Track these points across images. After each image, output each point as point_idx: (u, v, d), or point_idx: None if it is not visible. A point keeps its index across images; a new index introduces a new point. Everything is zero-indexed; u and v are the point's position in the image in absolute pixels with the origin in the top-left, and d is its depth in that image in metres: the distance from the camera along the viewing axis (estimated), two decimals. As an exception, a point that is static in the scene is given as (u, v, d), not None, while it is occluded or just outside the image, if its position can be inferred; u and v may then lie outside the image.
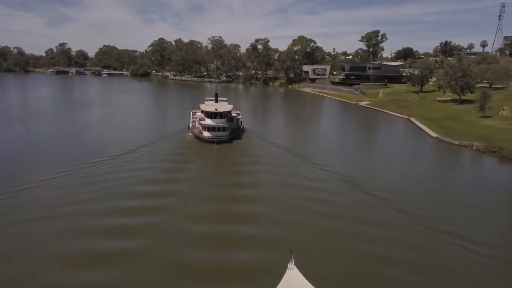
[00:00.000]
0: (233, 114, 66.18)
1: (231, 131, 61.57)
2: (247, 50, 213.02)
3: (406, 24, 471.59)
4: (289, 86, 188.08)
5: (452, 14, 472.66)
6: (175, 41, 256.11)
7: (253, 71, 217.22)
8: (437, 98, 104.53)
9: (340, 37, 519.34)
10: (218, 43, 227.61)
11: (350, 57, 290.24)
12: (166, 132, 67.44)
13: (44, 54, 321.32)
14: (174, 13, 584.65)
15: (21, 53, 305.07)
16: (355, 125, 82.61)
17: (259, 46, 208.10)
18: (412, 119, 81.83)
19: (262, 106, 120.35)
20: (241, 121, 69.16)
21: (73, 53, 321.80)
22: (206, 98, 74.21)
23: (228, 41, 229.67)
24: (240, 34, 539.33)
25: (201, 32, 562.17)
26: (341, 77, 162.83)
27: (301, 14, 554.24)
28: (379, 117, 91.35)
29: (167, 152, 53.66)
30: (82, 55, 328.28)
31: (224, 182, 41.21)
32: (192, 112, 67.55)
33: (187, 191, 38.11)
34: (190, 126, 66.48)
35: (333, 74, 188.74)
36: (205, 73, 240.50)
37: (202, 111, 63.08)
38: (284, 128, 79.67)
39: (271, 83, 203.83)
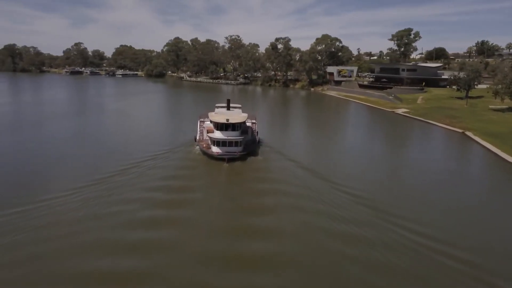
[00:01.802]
0: (247, 124, 55.25)
1: (245, 146, 51.25)
2: (266, 50, 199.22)
3: (426, 25, 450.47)
4: (312, 89, 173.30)
5: (474, 15, 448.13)
6: (191, 40, 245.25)
7: (273, 73, 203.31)
8: (490, 106, 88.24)
9: (360, 38, 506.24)
10: (235, 43, 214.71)
11: (375, 57, 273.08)
12: (170, 144, 56.16)
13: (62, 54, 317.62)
14: (194, 14, 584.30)
15: (36, 53, 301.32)
16: (396, 140, 67.44)
17: (280, 46, 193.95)
18: (469, 133, 66.27)
19: (282, 112, 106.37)
20: (257, 132, 57.42)
21: (90, 53, 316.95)
22: (217, 105, 62.85)
23: (246, 42, 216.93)
24: (259, 35, 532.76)
25: (220, 33, 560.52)
26: (371, 79, 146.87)
27: (320, 15, 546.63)
28: (424, 129, 75.83)
29: (164, 175, 41.73)
30: (98, 55, 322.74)
31: (234, 226, 30.14)
32: (200, 121, 56.51)
33: (182, 241, 27.08)
34: (197, 137, 55.35)
35: (359, 76, 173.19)
36: (222, 74, 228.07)
37: (211, 121, 51.98)
38: (308, 141, 65.59)
39: (291, 86, 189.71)
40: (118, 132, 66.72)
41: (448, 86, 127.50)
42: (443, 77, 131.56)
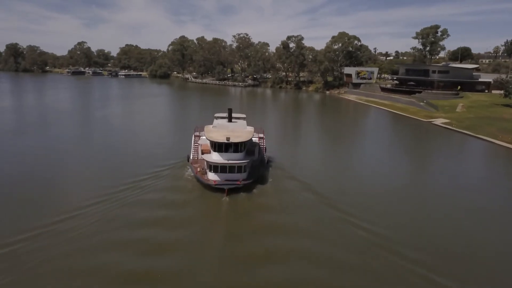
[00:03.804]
0: (253, 139, 43.92)
1: (250, 171, 39.62)
2: (277, 49, 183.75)
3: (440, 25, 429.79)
4: (327, 92, 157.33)
5: (487, 15, 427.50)
6: (197, 39, 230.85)
7: (284, 74, 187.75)
8: (553, 117, 71.84)
9: (372, 38, 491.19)
10: (244, 41, 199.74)
11: (391, 58, 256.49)
12: (157, 165, 43.63)
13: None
14: (204, 14, 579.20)
15: (39, 52, 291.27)
16: (449, 164, 50.85)
17: (291, 45, 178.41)
18: (546, 157, 50.28)
19: (294, 120, 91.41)
20: (265, 148, 46.18)
21: (95, 53, 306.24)
22: (216, 115, 49.83)
23: (255, 41, 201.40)
24: (269, 35, 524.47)
25: (231, 33, 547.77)
26: (395, 82, 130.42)
27: (331, 15, 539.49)
28: (478, 148, 59.84)
29: (138, 219, 29.72)
30: (102, 54, 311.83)
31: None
32: (195, 136, 45.15)
33: None
34: (191, 156, 43.72)
35: (379, 78, 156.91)
36: (229, 75, 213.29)
37: (207, 139, 39.85)
38: (330, 161, 50.69)
39: (304, 88, 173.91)
40: (94, 148, 53.12)
41: (486, 91, 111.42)
42: (480, 80, 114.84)
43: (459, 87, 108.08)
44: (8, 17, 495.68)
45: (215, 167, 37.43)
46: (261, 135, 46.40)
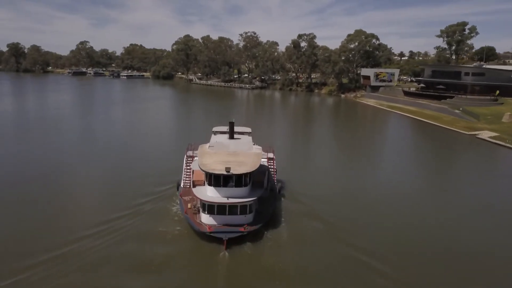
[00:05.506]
0: (261, 161, 31.93)
1: (258, 209, 29.57)
2: (287, 48, 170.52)
3: (447, 25, 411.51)
4: (342, 95, 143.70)
5: (496, 15, 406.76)
6: (202, 38, 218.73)
7: (294, 75, 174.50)
8: None
9: (381, 39, 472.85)
10: (251, 40, 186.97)
11: (406, 58, 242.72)
12: (139, 192, 34.58)
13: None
14: (212, 14, 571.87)
15: (41, 53, 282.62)
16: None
17: (303, 44, 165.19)
18: None
19: (308, 130, 78.93)
20: (275, 170, 35.89)
21: (98, 53, 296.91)
22: (214, 129, 40.04)
23: (263, 40, 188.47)
24: (277, 35, 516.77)
25: (238, 33, 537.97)
26: (420, 85, 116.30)
27: (339, 15, 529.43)
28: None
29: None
30: (105, 54, 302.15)
31: None
32: (187, 157, 35.24)
33: None
34: (182, 184, 33.68)
35: (399, 81, 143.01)
36: (236, 76, 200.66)
37: (200, 168, 28.81)
38: (358, 188, 38.17)
39: (316, 90, 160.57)
40: (66, 170, 41.48)
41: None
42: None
43: (497, 92, 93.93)
44: (16, 17, 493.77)
45: (210, 207, 27.51)
46: (271, 155, 36.04)
